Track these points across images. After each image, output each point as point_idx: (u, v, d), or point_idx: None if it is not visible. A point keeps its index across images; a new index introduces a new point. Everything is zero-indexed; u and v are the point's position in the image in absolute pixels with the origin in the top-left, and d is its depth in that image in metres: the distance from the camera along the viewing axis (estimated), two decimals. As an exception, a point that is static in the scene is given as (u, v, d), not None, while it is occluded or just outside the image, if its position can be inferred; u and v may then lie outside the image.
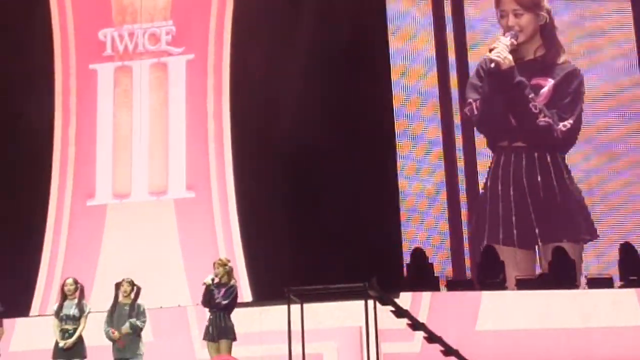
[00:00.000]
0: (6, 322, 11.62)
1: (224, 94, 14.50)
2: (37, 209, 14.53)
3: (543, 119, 14.30)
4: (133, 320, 10.88)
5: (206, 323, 10.97)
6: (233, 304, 10.96)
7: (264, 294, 13.16)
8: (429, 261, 13.44)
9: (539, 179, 14.23)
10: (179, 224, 14.16)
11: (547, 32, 14.68)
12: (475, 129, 14.44)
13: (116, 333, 10.80)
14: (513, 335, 12.11)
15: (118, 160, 14.69)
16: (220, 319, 10.77)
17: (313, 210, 13.48)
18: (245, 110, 14.29)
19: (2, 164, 14.69)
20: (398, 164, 14.09)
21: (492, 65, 14.47)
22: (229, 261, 11.29)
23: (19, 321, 13.55)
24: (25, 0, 15.43)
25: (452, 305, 12.39)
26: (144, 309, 11.02)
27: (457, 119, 14.42)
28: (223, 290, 10.85)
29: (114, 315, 10.99)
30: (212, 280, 10.85)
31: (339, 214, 13.21)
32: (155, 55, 15.02)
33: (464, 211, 14.13)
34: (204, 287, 10.87)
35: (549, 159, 14.30)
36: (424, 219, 14.03)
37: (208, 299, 10.86)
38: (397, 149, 14.13)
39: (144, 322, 10.99)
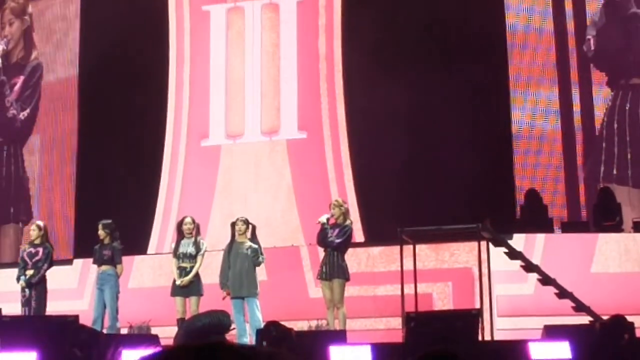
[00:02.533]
0: (125, 259, 12.05)
1: (336, 35, 14.51)
2: (153, 150, 14.87)
3: (658, 52, 13.95)
4: (257, 247, 11.18)
5: (320, 262, 11.18)
6: (346, 243, 11.14)
7: (377, 235, 13.29)
8: (543, 202, 13.33)
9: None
10: (291, 164, 14.33)
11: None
12: (592, 66, 14.16)
13: (225, 294, 11.17)
14: (629, 278, 12.01)
15: (231, 101, 14.90)
16: (334, 258, 10.96)
17: (426, 151, 13.49)
18: (356, 50, 14.29)
19: (119, 106, 15.04)
20: (511, 103, 13.92)
21: (606, -7, 14.17)
22: (345, 202, 11.48)
23: (137, 259, 14.00)
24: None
25: (566, 247, 12.32)
26: (261, 248, 11.30)
27: (573, 58, 14.15)
28: (337, 230, 11.04)
29: (231, 253, 11.28)
30: (327, 219, 11.04)
31: (452, 155, 13.20)
32: (267, -5, 15.11)
33: (579, 150, 13.92)
34: (320, 225, 11.09)
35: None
36: (538, 158, 13.89)
37: (322, 238, 11.07)
38: (510, 89, 13.96)
39: (262, 257, 11.28)
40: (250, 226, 11.44)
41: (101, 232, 11.83)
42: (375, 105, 13.93)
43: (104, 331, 11.03)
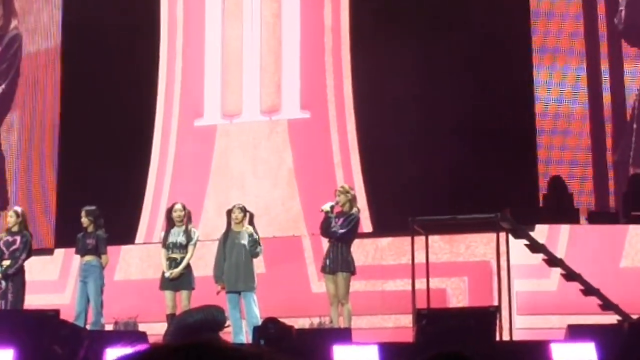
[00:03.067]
0: (110, 249, 12.05)
1: (343, 5, 14.46)
2: (143, 130, 14.83)
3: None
4: (257, 238, 11.18)
5: (324, 254, 11.18)
6: (352, 234, 11.12)
7: (386, 225, 13.27)
8: (569, 190, 13.31)
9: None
10: (293, 147, 14.30)
11: None
12: (623, 40, 14.09)
13: (219, 288, 11.19)
14: (662, 274, 12.01)
15: (228, 77, 14.86)
16: (339, 250, 10.95)
17: (440, 133, 13.45)
18: (366, 23, 14.23)
19: (105, 81, 15.00)
20: (535, 83, 13.86)
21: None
22: (351, 189, 11.47)
23: (124, 249, 14.00)
24: None
25: (593, 239, 12.32)
26: (258, 237, 11.31)
27: (604, 30, 14.06)
28: (342, 219, 11.02)
29: (227, 244, 11.28)
30: (331, 207, 11.03)
31: (468, 137, 13.16)
32: (268, -38, 15.05)
33: (608, 135, 13.87)
34: (323, 214, 11.09)
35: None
36: (563, 143, 13.85)
37: (325, 227, 11.06)
38: (534, 67, 13.90)
39: (260, 247, 11.29)
40: (247, 214, 11.45)
41: (84, 220, 11.83)
42: (386, 83, 13.88)
43: (87, 327, 11.05)
